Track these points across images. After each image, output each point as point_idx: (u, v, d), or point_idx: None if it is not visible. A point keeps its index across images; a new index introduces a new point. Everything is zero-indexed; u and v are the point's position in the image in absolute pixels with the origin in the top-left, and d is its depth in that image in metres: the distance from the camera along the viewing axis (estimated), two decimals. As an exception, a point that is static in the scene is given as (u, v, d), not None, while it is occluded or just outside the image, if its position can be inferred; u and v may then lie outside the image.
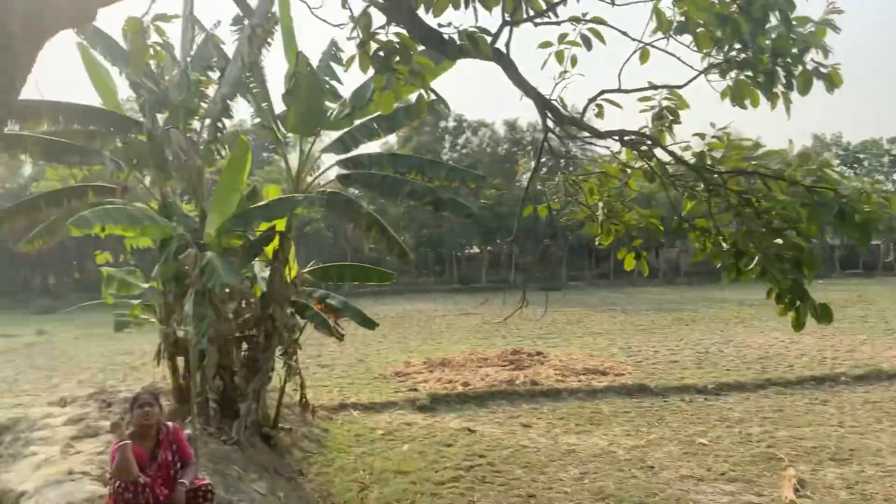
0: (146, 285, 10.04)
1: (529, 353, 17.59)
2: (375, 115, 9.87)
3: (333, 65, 10.12)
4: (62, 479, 6.26)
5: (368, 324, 10.23)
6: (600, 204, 4.64)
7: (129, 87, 9.26)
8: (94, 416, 9.08)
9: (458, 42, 3.09)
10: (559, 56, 4.05)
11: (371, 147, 10.64)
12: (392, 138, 49.26)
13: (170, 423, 5.13)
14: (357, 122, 9.94)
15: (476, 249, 58.00)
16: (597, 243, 4.91)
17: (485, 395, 13.71)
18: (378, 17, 3.15)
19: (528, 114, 61.47)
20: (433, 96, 3.59)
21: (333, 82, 10.03)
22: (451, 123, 56.14)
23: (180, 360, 9.54)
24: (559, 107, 3.92)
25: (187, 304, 8.44)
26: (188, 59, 9.26)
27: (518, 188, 51.50)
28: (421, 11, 2.92)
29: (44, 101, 8.70)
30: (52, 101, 8.77)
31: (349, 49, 9.40)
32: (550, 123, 3.94)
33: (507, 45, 3.34)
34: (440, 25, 3.02)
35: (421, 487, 8.65)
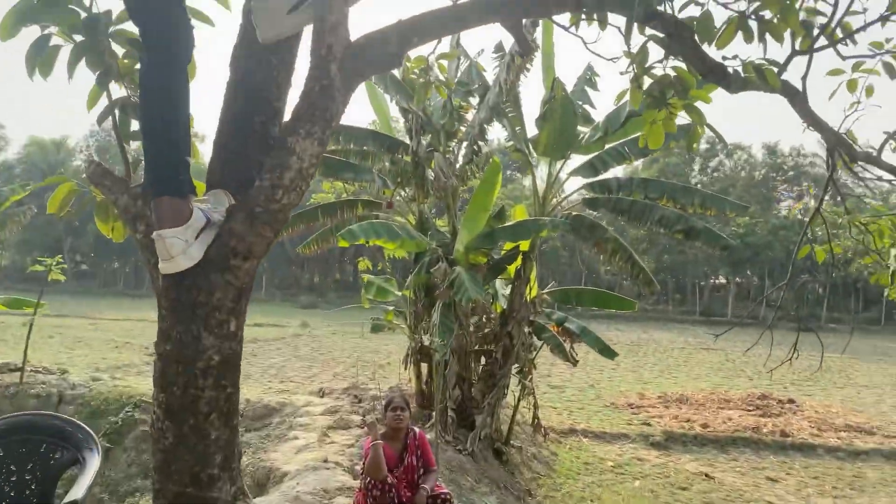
0: (399, 293, 10.79)
1: (780, 400, 16.01)
2: (628, 138, 9.69)
3: (588, 89, 10.14)
4: (318, 466, 6.88)
5: (608, 353, 10.00)
6: (893, 252, 4.08)
7: (398, 111, 10.10)
8: (346, 409, 9.93)
9: (743, 74, 2.91)
10: (851, 85, 3.65)
11: (617, 170, 10.45)
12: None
13: (417, 429, 5.41)
14: (608, 146, 9.83)
15: (722, 280, 54.24)
16: (885, 295, 4.32)
17: (726, 439, 12.73)
18: (655, 51, 3.08)
19: (790, 137, 56.35)
20: (707, 131, 3.41)
21: (586, 106, 10.06)
22: (704, 146, 53.23)
23: (424, 367, 10.10)
24: (851, 142, 3.51)
25: (435, 315, 8.92)
26: (451, 87, 9.84)
27: (776, 217, 47.40)
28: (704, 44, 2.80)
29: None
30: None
31: (605, 72, 9.33)
32: (839, 159, 3.55)
33: (804, 78, 3.07)
34: (724, 58, 2.86)
35: (651, 529, 8.26)
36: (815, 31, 3.10)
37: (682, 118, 3.72)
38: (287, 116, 2.52)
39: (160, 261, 2.19)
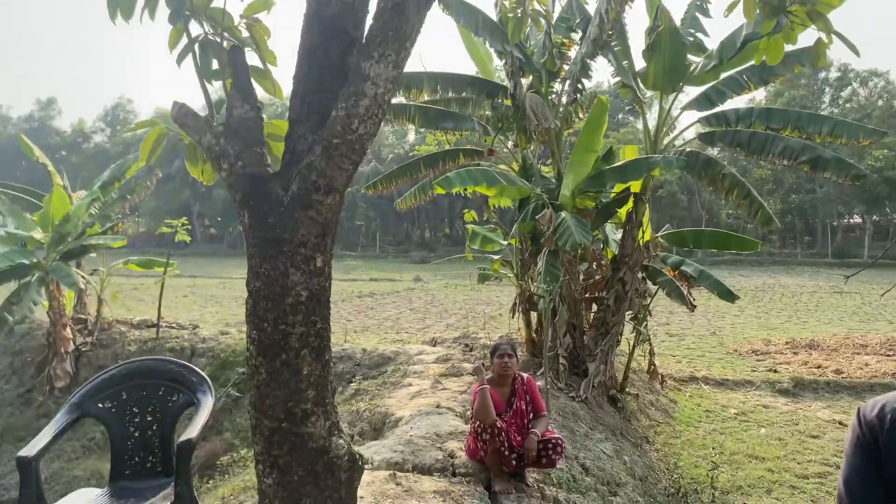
0: (505, 242, 10.66)
1: (925, 344, 14.75)
2: (745, 66, 8.98)
3: (699, 16, 9.43)
4: (431, 412, 6.97)
5: (728, 296, 9.48)
6: None
7: (494, 54, 9.79)
8: (458, 357, 10.02)
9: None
10: None
11: (737, 103, 9.72)
12: (760, 94, 45.05)
13: (525, 375, 5.34)
14: (723, 75, 9.15)
15: (857, 219, 50.30)
16: None
17: (862, 386, 11.87)
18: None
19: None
20: (836, 40, 3.00)
21: (699, 34, 9.37)
22: (833, 74, 49.01)
23: (534, 315, 9.99)
24: None
25: (541, 262, 8.75)
26: (551, 22, 9.43)
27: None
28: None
29: (425, 73, 9.67)
30: (432, 71, 9.68)
31: (719, -5, 8.65)
32: None
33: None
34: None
35: (779, 477, 7.85)
36: None
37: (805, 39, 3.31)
38: (365, 45, 2.42)
39: None
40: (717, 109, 9.41)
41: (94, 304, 12.91)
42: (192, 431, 3.23)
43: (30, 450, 3.14)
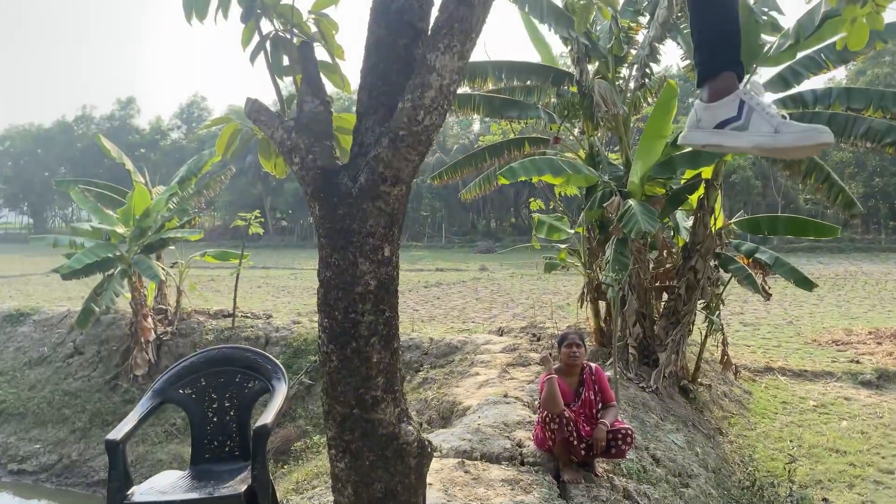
0: (572, 231, 10.56)
1: None
2: (824, 44, 8.59)
3: (775, -7, 9.07)
4: (498, 401, 7.00)
5: (805, 284, 9.14)
6: None
7: (560, 41, 9.68)
8: (525, 347, 10.01)
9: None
10: None
11: (814, 84, 9.33)
12: (839, 72, 43.04)
13: (593, 365, 5.30)
14: (800, 54, 8.78)
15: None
16: None
17: (954, 378, 11.28)
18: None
19: None
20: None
21: (773, 13, 9.01)
22: (922, 49, 46.26)
23: (602, 304, 9.87)
24: None
25: (609, 251, 8.63)
26: (617, 7, 9.24)
27: None
28: None
29: (489, 61, 9.64)
30: (496, 60, 9.64)
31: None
32: None
33: None
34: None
35: (862, 472, 7.55)
36: None
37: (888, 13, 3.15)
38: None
39: (687, 129, 2.05)
40: (793, 91, 9.05)
41: (174, 295, 13.46)
42: (268, 417, 3.34)
43: (117, 433, 3.32)
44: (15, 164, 72.19)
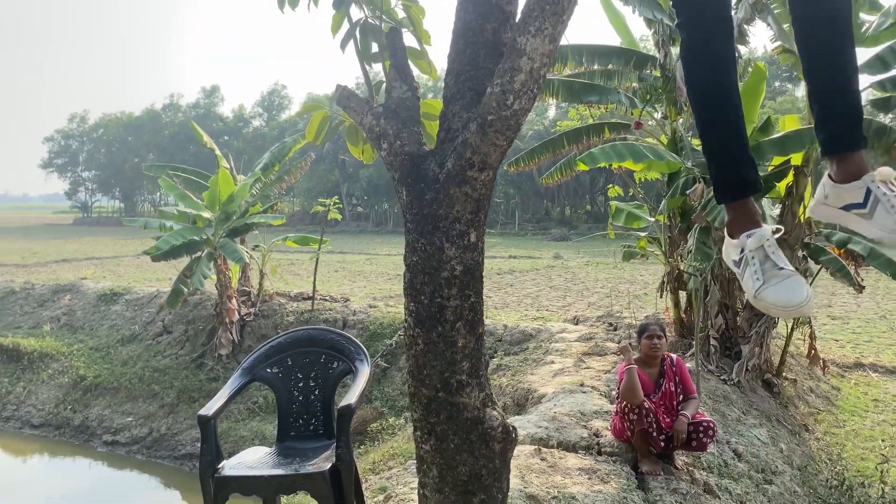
0: (652, 219, 10.31)
1: None
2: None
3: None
4: (574, 390, 6.95)
5: (902, 276, 8.66)
6: None
7: (644, 23, 9.42)
8: (601, 336, 9.87)
9: None
10: None
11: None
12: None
13: (674, 356, 5.19)
14: (902, 34, 8.28)
15: None
16: None
17: None
18: None
19: None
20: None
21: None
22: None
23: (682, 295, 9.62)
24: None
25: (691, 240, 8.40)
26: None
27: None
28: None
29: (569, 45, 9.47)
30: (575, 44, 9.47)
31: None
32: None
33: None
34: None
35: (961, 476, 7.13)
36: None
37: None
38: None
39: (815, 201, 1.92)
40: (893, 73, 8.55)
41: (257, 277, 13.91)
42: (352, 397, 3.42)
43: (208, 409, 3.46)
44: (108, 150, 76.03)
